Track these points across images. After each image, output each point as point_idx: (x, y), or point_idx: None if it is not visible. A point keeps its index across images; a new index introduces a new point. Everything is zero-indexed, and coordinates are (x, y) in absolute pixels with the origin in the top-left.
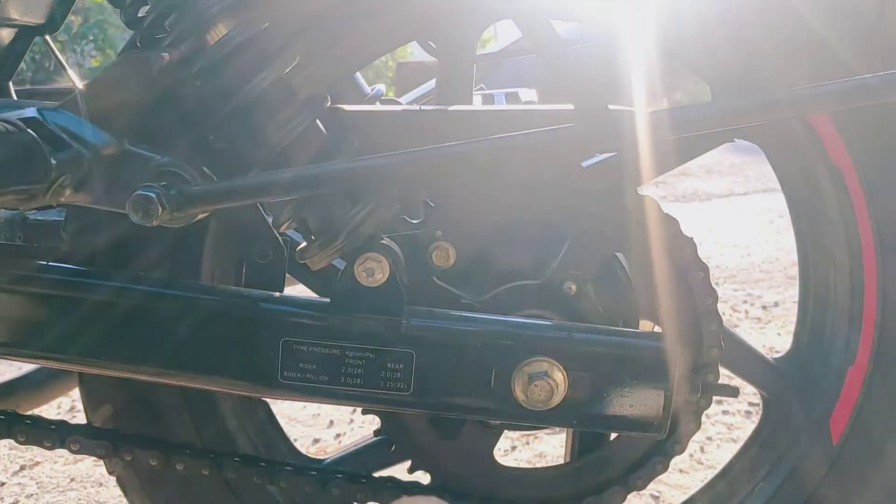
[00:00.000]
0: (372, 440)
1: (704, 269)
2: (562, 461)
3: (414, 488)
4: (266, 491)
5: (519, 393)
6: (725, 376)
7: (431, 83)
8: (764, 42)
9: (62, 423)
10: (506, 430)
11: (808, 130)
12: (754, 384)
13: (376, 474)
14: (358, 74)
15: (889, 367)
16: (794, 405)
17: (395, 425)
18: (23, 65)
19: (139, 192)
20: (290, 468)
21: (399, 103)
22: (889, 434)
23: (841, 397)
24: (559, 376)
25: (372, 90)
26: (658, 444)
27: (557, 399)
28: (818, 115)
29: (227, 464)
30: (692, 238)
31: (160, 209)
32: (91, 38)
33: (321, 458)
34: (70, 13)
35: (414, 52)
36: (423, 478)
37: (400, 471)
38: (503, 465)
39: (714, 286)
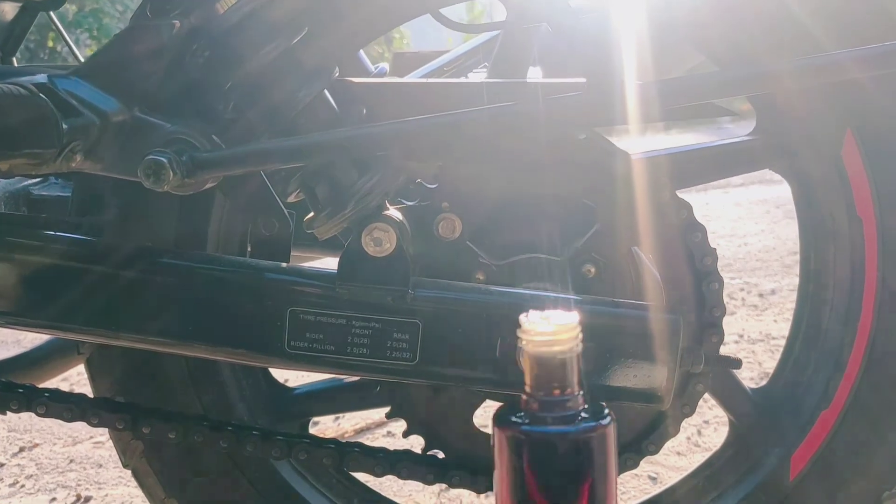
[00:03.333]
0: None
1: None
2: None
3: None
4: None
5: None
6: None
7: (440, 60)
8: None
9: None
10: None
11: (839, 175)
12: (726, 408)
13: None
14: (362, 53)
15: (861, 415)
16: (760, 436)
17: None
18: (17, 53)
19: (151, 156)
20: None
21: None
22: (844, 479)
23: (807, 437)
24: None
25: (376, 69)
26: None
27: None
28: (855, 163)
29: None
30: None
31: (171, 174)
32: (86, 27)
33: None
34: (66, 1)
35: (410, 43)
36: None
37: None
38: (479, 430)
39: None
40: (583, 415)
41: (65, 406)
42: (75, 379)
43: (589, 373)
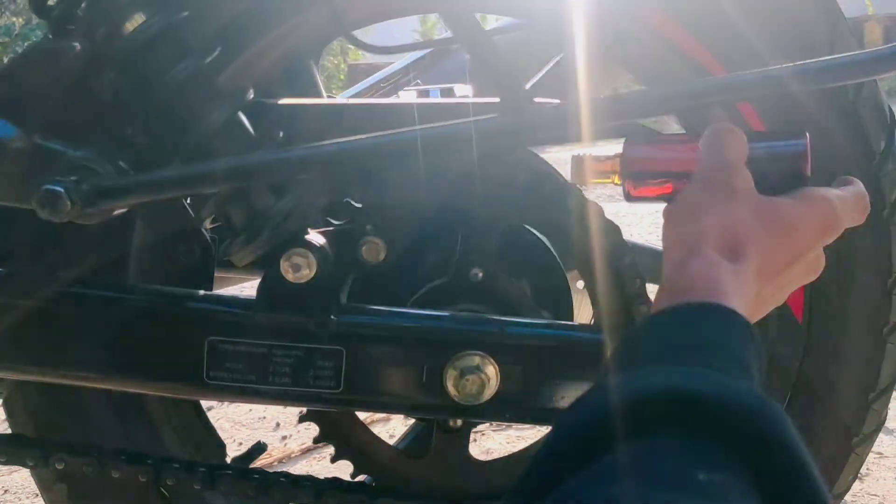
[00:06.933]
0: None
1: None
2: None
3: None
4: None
5: (451, 388)
6: None
7: (373, 77)
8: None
9: None
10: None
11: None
12: None
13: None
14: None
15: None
16: None
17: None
18: None
19: (46, 186)
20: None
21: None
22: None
23: None
24: (491, 370)
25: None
26: None
27: (489, 393)
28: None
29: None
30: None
31: (69, 204)
32: (33, 39)
33: None
34: (12, 14)
35: (365, 55)
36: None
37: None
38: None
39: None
40: None
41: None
42: None
43: (518, 395)
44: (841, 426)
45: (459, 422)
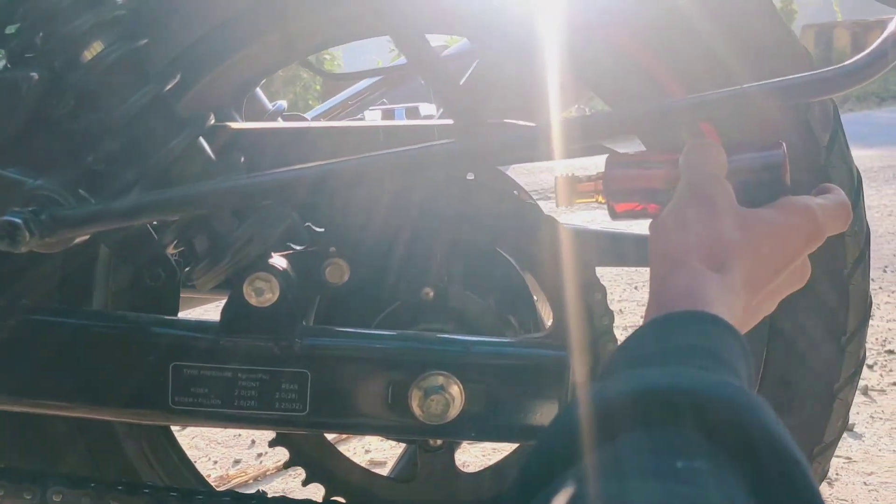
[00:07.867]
0: None
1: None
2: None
3: None
4: None
5: (415, 408)
6: None
7: (342, 95)
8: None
9: None
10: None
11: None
12: None
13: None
14: (259, 91)
15: None
16: None
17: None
18: None
19: (4, 217)
20: None
21: (304, 119)
22: None
23: None
24: (455, 390)
25: (273, 106)
26: None
27: (454, 412)
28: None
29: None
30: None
31: (27, 235)
32: None
33: None
34: None
35: (342, 64)
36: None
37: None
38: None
39: None
40: None
41: None
42: None
43: (483, 413)
44: (819, 372)
45: (440, 440)
